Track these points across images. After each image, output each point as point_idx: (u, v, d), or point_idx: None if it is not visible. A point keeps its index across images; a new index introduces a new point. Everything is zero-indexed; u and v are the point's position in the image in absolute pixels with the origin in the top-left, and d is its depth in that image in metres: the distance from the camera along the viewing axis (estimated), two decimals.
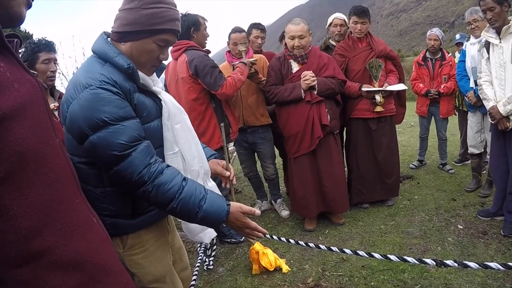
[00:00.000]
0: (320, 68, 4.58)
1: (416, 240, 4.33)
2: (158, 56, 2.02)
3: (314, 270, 3.94)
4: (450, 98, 6.51)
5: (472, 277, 3.54)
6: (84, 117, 1.75)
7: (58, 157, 1.13)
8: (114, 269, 1.25)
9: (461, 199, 5.42)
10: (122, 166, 1.78)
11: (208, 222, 1.98)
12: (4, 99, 0.93)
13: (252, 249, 3.94)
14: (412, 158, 7.74)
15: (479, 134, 5.52)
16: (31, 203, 0.97)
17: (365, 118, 5.05)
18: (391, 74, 5.19)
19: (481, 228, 4.48)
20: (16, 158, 0.94)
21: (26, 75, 1.09)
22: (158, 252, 2.29)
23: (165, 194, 1.85)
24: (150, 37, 1.93)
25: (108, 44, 1.95)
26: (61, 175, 1.11)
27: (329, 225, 4.97)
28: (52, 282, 1.01)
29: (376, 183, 5.29)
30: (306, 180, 4.73)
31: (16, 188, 0.94)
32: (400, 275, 3.66)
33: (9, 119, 0.93)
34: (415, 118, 9.48)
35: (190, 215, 1.91)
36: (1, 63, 0.98)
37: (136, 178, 1.79)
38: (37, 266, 0.99)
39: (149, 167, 1.83)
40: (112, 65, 1.90)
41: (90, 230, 1.20)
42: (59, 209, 1.07)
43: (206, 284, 3.92)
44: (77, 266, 1.08)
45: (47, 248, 1.01)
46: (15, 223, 0.94)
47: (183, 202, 1.87)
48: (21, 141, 0.96)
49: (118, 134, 1.77)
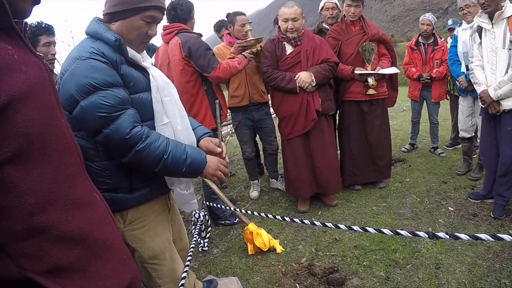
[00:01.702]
0: (313, 49, 4.60)
1: (407, 221, 4.40)
2: (146, 32, 2.15)
3: (307, 250, 3.99)
4: (442, 83, 6.55)
5: (462, 257, 3.61)
6: (75, 83, 1.88)
7: (64, 138, 1.16)
8: (115, 245, 1.28)
9: (452, 182, 5.49)
10: (112, 127, 1.90)
11: (194, 167, 2.15)
12: (12, 82, 0.96)
13: (246, 230, 3.98)
14: (404, 141, 7.80)
15: (470, 118, 5.58)
16: (36, 181, 1.01)
17: (358, 100, 5.09)
18: (383, 58, 5.21)
19: (471, 210, 4.54)
20: (23, 139, 0.97)
21: (33, 58, 1.12)
22: (159, 227, 2.36)
23: (157, 149, 1.99)
24: (137, 14, 2.07)
25: (99, 24, 2.10)
26: (65, 155, 1.14)
27: (322, 207, 5.03)
28: (55, 255, 1.04)
29: (368, 165, 5.34)
30: (299, 161, 4.77)
31: (22, 167, 0.98)
32: (392, 255, 3.73)
33: (17, 101, 0.96)
34: (407, 102, 9.52)
35: (179, 164, 2.08)
36: (9, 46, 1.01)
37: (127, 137, 1.92)
38: (41, 240, 1.02)
39: (137, 127, 1.97)
40: (102, 41, 2.04)
41: (93, 207, 1.23)
42: (63, 187, 1.11)
43: (201, 265, 3.96)
44: (79, 241, 1.12)
45: (51, 224, 1.04)
46: (22, 199, 0.98)
47: (173, 153, 2.04)
48: (28, 123, 0.99)
49: (106, 98, 1.91)
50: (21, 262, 0.99)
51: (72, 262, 1.08)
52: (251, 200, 5.53)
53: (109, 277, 1.19)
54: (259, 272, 3.70)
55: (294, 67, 4.61)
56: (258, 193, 5.65)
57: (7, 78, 0.94)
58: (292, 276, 3.59)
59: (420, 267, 3.52)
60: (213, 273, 3.78)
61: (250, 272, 3.73)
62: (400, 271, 3.49)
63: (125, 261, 1.32)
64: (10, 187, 0.94)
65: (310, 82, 4.44)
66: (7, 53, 0.98)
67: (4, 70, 0.94)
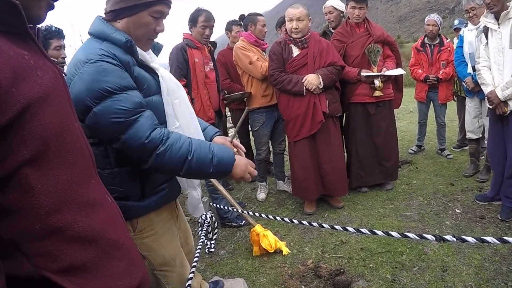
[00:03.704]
0: (320, 52, 4.60)
1: (414, 223, 4.39)
2: (154, 28, 2.06)
3: (313, 252, 3.99)
4: (449, 84, 6.53)
5: (469, 260, 3.59)
6: (87, 89, 1.77)
7: (78, 141, 1.18)
8: (125, 245, 1.30)
9: (459, 184, 5.46)
10: (129, 133, 1.80)
11: (222, 167, 2.01)
12: (29, 87, 0.98)
13: (252, 231, 3.99)
14: (410, 143, 7.78)
15: (477, 119, 5.55)
16: (52, 183, 1.03)
17: (364, 102, 5.09)
18: (388, 59, 5.21)
19: (479, 213, 4.52)
20: (40, 142, 1.00)
21: (48, 63, 1.13)
22: (168, 234, 2.34)
23: (180, 151, 1.88)
24: (145, 9, 1.97)
25: (104, 23, 1.99)
26: (79, 157, 1.16)
27: (328, 209, 5.03)
28: (70, 254, 1.07)
29: (375, 167, 5.34)
30: (305, 163, 4.77)
31: (39, 169, 1.00)
32: (399, 257, 3.72)
33: (35, 105, 0.98)
34: (414, 104, 9.49)
35: (205, 165, 1.95)
36: (25, 51, 1.03)
37: (147, 142, 1.82)
38: (57, 240, 1.05)
39: (157, 130, 1.87)
40: (110, 42, 1.94)
41: (105, 208, 1.26)
42: (77, 189, 1.13)
43: (208, 266, 3.98)
44: (92, 241, 1.15)
45: (66, 224, 1.07)
46: (39, 200, 1.00)
47: (197, 153, 1.92)
48: (45, 126, 1.01)
49: (122, 101, 1.80)
50: (37, 261, 1.01)
51: (86, 261, 1.11)
52: (258, 202, 5.54)
53: (121, 276, 1.22)
54: (265, 274, 3.71)
55: (300, 70, 4.62)
56: (265, 195, 5.66)
57: (24, 83, 0.96)
58: (298, 278, 3.60)
59: (426, 270, 3.51)
60: (219, 274, 3.79)
61: (256, 273, 3.74)
62: (406, 274, 3.48)
63: (135, 260, 1.34)
64: (27, 188, 0.97)
65: (317, 85, 4.44)
66: (23, 59, 1.00)
67: (21, 75, 0.96)
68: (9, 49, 0.97)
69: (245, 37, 5.21)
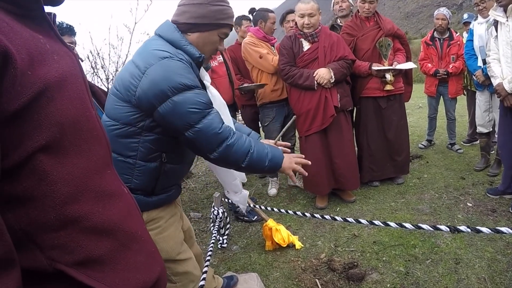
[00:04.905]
0: (331, 46, 4.60)
1: (426, 216, 4.39)
2: (217, 47, 2.30)
3: (326, 246, 4.00)
4: (459, 78, 6.51)
5: (481, 253, 3.60)
6: (166, 79, 1.95)
7: (94, 129, 1.15)
8: (143, 238, 1.28)
9: (470, 178, 5.46)
10: (205, 123, 1.99)
11: (275, 161, 2.25)
12: (46, 70, 0.95)
13: (265, 226, 3.99)
14: (421, 138, 7.76)
15: (488, 113, 5.54)
16: (68, 171, 1.01)
17: (375, 96, 5.09)
18: (399, 53, 5.21)
19: (490, 206, 4.52)
20: (56, 128, 0.97)
21: (64, 48, 1.11)
22: (171, 229, 2.42)
23: (244, 145, 2.11)
24: (216, 29, 2.22)
25: (179, 33, 2.18)
26: (95, 146, 1.14)
27: (340, 203, 5.03)
28: (86, 246, 1.04)
29: (386, 161, 5.34)
30: (317, 157, 4.74)
31: (55, 156, 0.97)
32: (411, 250, 3.73)
33: (51, 89, 0.96)
34: (424, 99, 9.47)
35: (262, 159, 2.19)
36: (40, 35, 1.01)
37: (220, 131, 2.04)
38: (73, 231, 1.02)
39: (224, 125, 2.08)
40: (183, 51, 2.13)
41: (121, 199, 1.23)
42: (94, 178, 1.10)
43: (221, 262, 3.99)
44: (109, 232, 1.12)
45: (83, 214, 1.04)
46: (55, 188, 0.97)
47: (257, 148, 2.16)
48: (61, 112, 0.99)
49: (200, 95, 2.03)
50: (52, 254, 0.98)
51: (103, 254, 1.08)
52: (269, 198, 5.56)
53: (139, 269, 1.20)
54: (279, 268, 3.72)
55: (311, 64, 4.62)
56: (276, 190, 5.66)
57: (41, 66, 0.94)
58: (312, 271, 3.61)
59: (439, 262, 3.52)
60: (232, 269, 3.81)
61: (270, 268, 3.76)
62: (419, 266, 3.49)
63: (153, 253, 1.32)
64: (42, 176, 0.95)
65: (328, 79, 4.44)
66: (39, 42, 0.98)
67: (37, 57, 0.93)
68: (24, 31, 0.95)
69: (253, 32, 5.20)
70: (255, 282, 3.44)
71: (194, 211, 5.24)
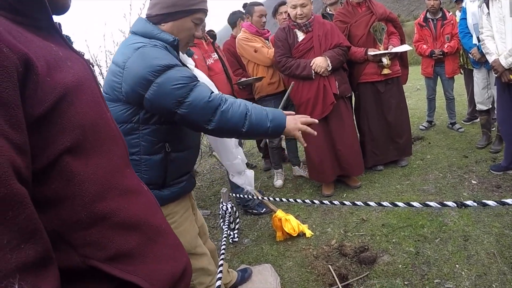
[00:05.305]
0: (325, 34, 4.63)
1: (432, 196, 4.42)
2: (193, 33, 2.30)
3: (336, 232, 4.04)
4: (455, 57, 6.51)
5: (489, 228, 3.64)
6: (146, 66, 1.96)
7: (111, 130, 1.20)
8: (167, 231, 1.31)
9: (473, 155, 5.48)
10: (193, 95, 1.97)
11: (277, 121, 2.11)
12: (63, 76, 0.99)
13: (274, 217, 4.03)
14: (421, 120, 7.77)
15: (486, 90, 5.55)
16: (92, 171, 1.04)
17: (373, 81, 5.10)
18: (393, 36, 5.23)
19: (495, 182, 4.55)
20: (78, 131, 1.01)
21: (75, 54, 1.15)
22: (186, 223, 2.43)
23: (240, 108, 2.03)
24: (189, 16, 2.22)
25: (150, 24, 2.20)
26: (113, 146, 1.18)
27: (346, 189, 5.07)
28: (116, 242, 1.07)
29: (388, 144, 5.37)
30: (320, 146, 4.80)
31: (79, 157, 1.01)
32: (420, 230, 3.77)
33: (70, 94, 0.99)
34: (421, 81, 9.49)
35: (263, 120, 2.07)
36: (52, 44, 1.04)
37: (210, 100, 1.98)
38: (103, 228, 1.05)
39: (214, 93, 2.05)
40: (157, 40, 2.14)
41: (143, 195, 1.27)
42: (116, 177, 1.14)
43: (234, 256, 4.03)
44: (136, 227, 1.15)
45: (111, 211, 1.08)
46: (83, 187, 1.01)
47: (254, 110, 2.07)
48: (81, 115, 1.02)
49: (181, 71, 2.02)
50: (84, 251, 1.01)
51: (132, 248, 1.11)
52: (276, 189, 5.59)
53: (167, 261, 1.23)
54: (291, 257, 3.77)
55: (307, 53, 4.65)
56: (282, 181, 5.70)
57: (57, 72, 0.98)
58: (324, 258, 3.65)
59: (448, 240, 3.56)
60: (245, 262, 3.85)
61: (282, 258, 3.80)
62: (429, 246, 3.53)
63: (178, 246, 1.35)
64: (70, 176, 0.98)
65: (326, 67, 4.47)
66: (52, 49, 1.02)
67: (53, 64, 0.97)
68: (37, 40, 0.98)
69: (246, 28, 5.22)
70: (269, 272, 3.49)
71: (203, 209, 5.27)
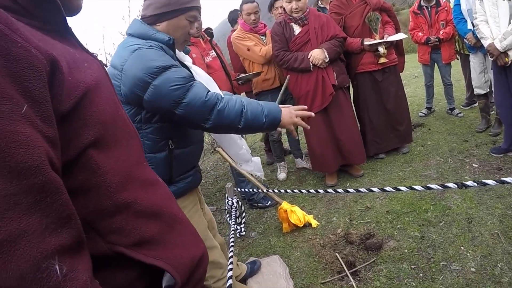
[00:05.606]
0: (321, 27, 4.67)
1: (434, 181, 4.45)
2: (189, 31, 2.34)
3: (341, 221, 4.10)
4: (451, 43, 6.54)
5: (492, 210, 3.68)
6: (143, 68, 2.02)
7: (127, 126, 1.26)
8: (183, 220, 1.37)
9: (473, 139, 5.52)
10: (190, 95, 2.04)
11: (273, 116, 2.19)
12: (83, 76, 1.05)
13: (280, 209, 4.06)
14: (420, 107, 7.81)
15: (483, 75, 5.58)
16: (114, 163, 1.11)
17: (371, 71, 5.14)
18: (388, 25, 5.26)
19: (496, 165, 4.58)
20: (100, 126, 1.07)
21: (90, 56, 1.21)
22: (195, 217, 2.49)
23: (235, 106, 2.11)
24: (183, 14, 2.26)
25: (145, 25, 2.25)
26: (130, 141, 1.24)
27: (349, 179, 5.12)
28: (139, 228, 1.13)
29: (389, 132, 5.41)
30: (321, 137, 4.86)
31: (102, 150, 1.07)
32: (424, 215, 3.82)
33: (90, 92, 1.06)
34: (418, 69, 9.51)
35: (259, 115, 2.16)
36: (68, 46, 1.10)
37: (207, 99, 2.06)
38: (127, 215, 1.11)
39: (210, 92, 2.12)
40: (154, 41, 2.19)
41: (159, 186, 1.33)
42: (135, 169, 1.21)
43: (242, 249, 4.08)
44: (157, 215, 1.21)
45: (133, 200, 1.14)
46: (107, 178, 1.07)
47: (250, 106, 2.14)
48: (101, 112, 1.09)
49: (177, 72, 2.07)
50: (111, 238, 1.07)
51: (153, 235, 1.17)
52: (280, 182, 5.65)
53: (186, 247, 1.28)
54: (299, 248, 3.82)
55: (304, 46, 4.69)
56: (285, 174, 5.75)
57: (77, 72, 1.03)
58: (331, 246, 3.71)
59: (452, 223, 3.61)
60: (254, 255, 3.91)
61: (290, 248, 3.85)
62: (434, 229, 3.58)
63: (195, 233, 1.41)
64: (95, 168, 1.04)
65: (323, 59, 4.51)
66: (69, 51, 1.07)
67: (73, 65, 1.02)
68: (56, 43, 1.03)
69: (241, 25, 5.28)
70: (277, 264, 3.54)
71: (208, 205, 5.29)
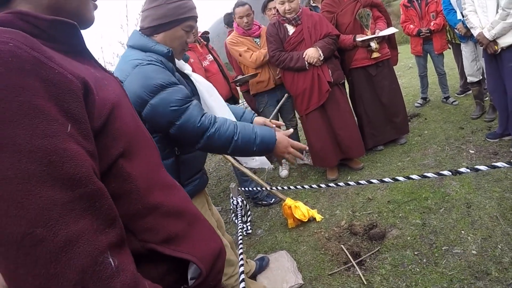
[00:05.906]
0: (314, 26, 4.75)
1: (432, 169, 4.53)
2: (186, 40, 2.38)
3: (345, 213, 4.19)
4: (442, 34, 6.61)
5: (490, 194, 3.77)
6: (142, 85, 2.08)
7: (147, 137, 1.37)
8: (201, 218, 1.48)
9: (469, 126, 5.59)
10: (183, 118, 2.09)
11: (264, 145, 2.21)
12: (106, 94, 1.14)
13: (284, 205, 4.14)
14: (415, 97, 7.89)
15: (475, 63, 5.66)
16: (140, 170, 1.22)
17: (365, 66, 5.21)
18: (379, 20, 5.32)
19: (492, 150, 4.66)
20: (126, 138, 1.17)
21: (108, 74, 1.30)
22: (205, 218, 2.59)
23: (227, 132, 2.14)
24: (179, 25, 2.29)
25: (144, 37, 2.30)
26: (150, 150, 1.35)
27: (350, 172, 5.21)
28: (167, 227, 1.24)
29: (386, 124, 5.49)
30: (320, 133, 4.95)
31: (129, 160, 1.18)
32: (424, 203, 3.91)
33: (115, 109, 1.15)
34: (412, 59, 9.56)
35: (250, 144, 2.18)
36: (88, 66, 1.19)
37: (199, 125, 2.09)
38: (156, 216, 1.23)
39: (205, 115, 2.15)
40: (153, 52, 2.24)
41: (178, 189, 1.44)
42: (157, 175, 1.32)
43: (249, 247, 4.17)
44: (180, 214, 1.33)
45: (160, 202, 1.25)
46: (136, 184, 1.18)
47: (242, 134, 2.17)
48: (126, 126, 1.19)
49: (174, 93, 2.11)
50: (143, 236, 1.18)
51: (178, 232, 1.28)
52: (282, 179, 5.73)
53: (207, 241, 1.40)
54: (305, 242, 3.91)
55: (299, 46, 4.78)
56: (287, 171, 5.83)
57: (101, 91, 1.12)
58: (336, 239, 3.80)
59: (452, 209, 3.69)
60: (261, 251, 3.99)
61: (296, 243, 3.94)
62: (434, 216, 3.67)
63: (212, 229, 1.52)
64: (126, 176, 1.15)
65: (318, 57, 4.60)
66: (90, 71, 1.15)
67: (96, 84, 1.11)
68: (79, 65, 1.11)
69: (235, 29, 5.36)
70: (285, 258, 3.63)
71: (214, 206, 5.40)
